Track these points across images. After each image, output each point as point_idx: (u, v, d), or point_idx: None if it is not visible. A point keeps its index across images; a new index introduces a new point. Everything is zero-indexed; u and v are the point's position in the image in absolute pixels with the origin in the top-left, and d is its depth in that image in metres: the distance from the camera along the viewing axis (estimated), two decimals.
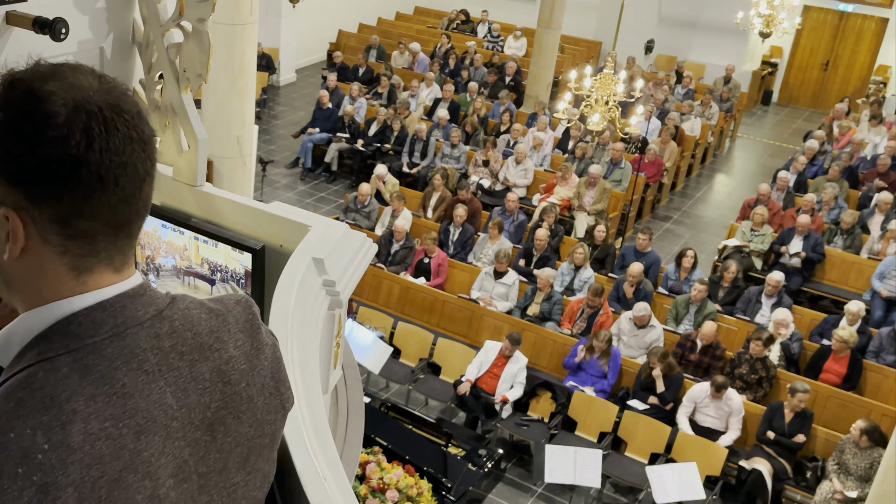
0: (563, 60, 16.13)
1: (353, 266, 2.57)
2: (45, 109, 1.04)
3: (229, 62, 5.74)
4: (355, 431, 2.67)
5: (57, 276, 1.11)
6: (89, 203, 1.07)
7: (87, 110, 1.05)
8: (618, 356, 7.86)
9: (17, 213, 1.07)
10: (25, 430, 1.00)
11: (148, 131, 1.13)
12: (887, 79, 17.30)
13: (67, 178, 1.05)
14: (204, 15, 3.32)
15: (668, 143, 12.65)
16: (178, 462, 1.15)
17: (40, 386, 1.04)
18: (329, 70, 15.56)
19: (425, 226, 10.23)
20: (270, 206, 3.31)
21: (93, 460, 1.03)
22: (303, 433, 1.71)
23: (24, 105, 1.05)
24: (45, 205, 1.06)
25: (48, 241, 1.09)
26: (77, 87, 1.07)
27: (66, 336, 1.09)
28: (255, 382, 1.28)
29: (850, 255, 10.13)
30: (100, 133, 1.05)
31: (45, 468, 0.99)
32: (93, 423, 1.04)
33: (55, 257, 1.10)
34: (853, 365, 7.91)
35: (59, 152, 1.04)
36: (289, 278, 2.30)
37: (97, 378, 1.07)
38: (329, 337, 2.48)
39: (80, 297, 1.12)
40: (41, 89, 1.06)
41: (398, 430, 6.85)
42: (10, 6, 2.38)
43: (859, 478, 6.66)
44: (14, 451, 0.99)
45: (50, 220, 1.07)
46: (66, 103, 1.05)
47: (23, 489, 0.98)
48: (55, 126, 1.04)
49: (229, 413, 1.23)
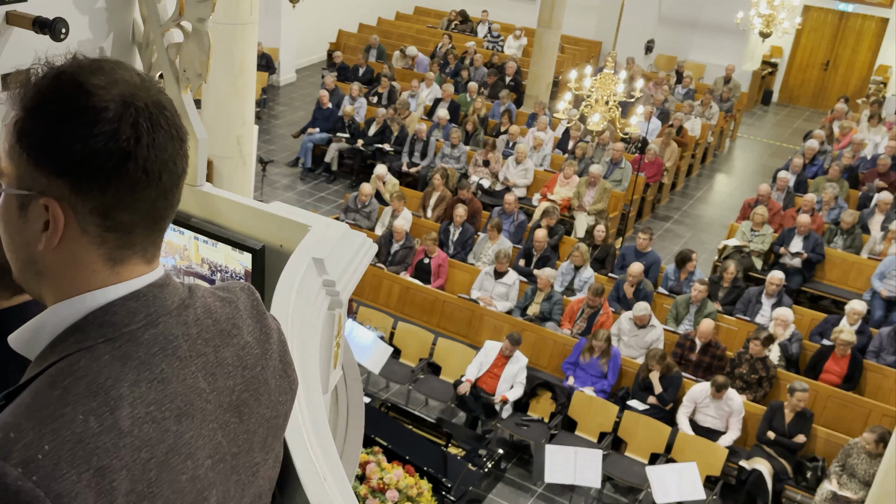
0: (563, 60, 16.12)
1: (353, 266, 2.56)
2: (95, 104, 1.06)
3: (229, 62, 5.75)
4: (355, 431, 2.67)
5: (92, 267, 1.13)
6: (132, 196, 1.10)
7: (135, 106, 1.08)
8: (618, 356, 7.86)
9: (59, 203, 1.08)
10: (77, 416, 1.03)
11: (184, 130, 1.16)
12: (887, 79, 17.30)
13: (114, 172, 1.07)
14: (204, 15, 3.32)
15: (669, 144, 12.66)
16: (214, 443, 1.19)
17: (84, 374, 1.06)
18: (329, 70, 15.56)
19: (425, 226, 10.22)
20: (270, 206, 3.30)
21: (142, 443, 1.07)
22: (303, 433, 1.71)
23: (74, 98, 1.07)
24: (88, 196, 1.08)
25: (87, 231, 1.11)
26: (122, 83, 1.09)
27: (102, 325, 1.11)
28: (268, 366, 1.32)
29: (851, 255, 10.13)
30: (147, 129, 1.08)
31: (99, 452, 1.02)
32: (139, 408, 1.08)
33: (92, 248, 1.12)
34: (853, 365, 7.91)
35: (108, 146, 1.06)
36: (289, 278, 2.30)
37: (137, 364, 1.10)
38: (329, 337, 2.48)
39: (114, 288, 1.13)
40: (88, 83, 1.07)
41: (398, 430, 6.85)
42: (10, 6, 2.38)
43: (867, 483, 6.63)
44: (68, 436, 1.01)
45: (91, 211, 1.09)
46: (114, 98, 1.07)
47: (80, 473, 1.00)
48: (106, 120, 1.06)
49: (251, 395, 1.27)
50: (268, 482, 1.39)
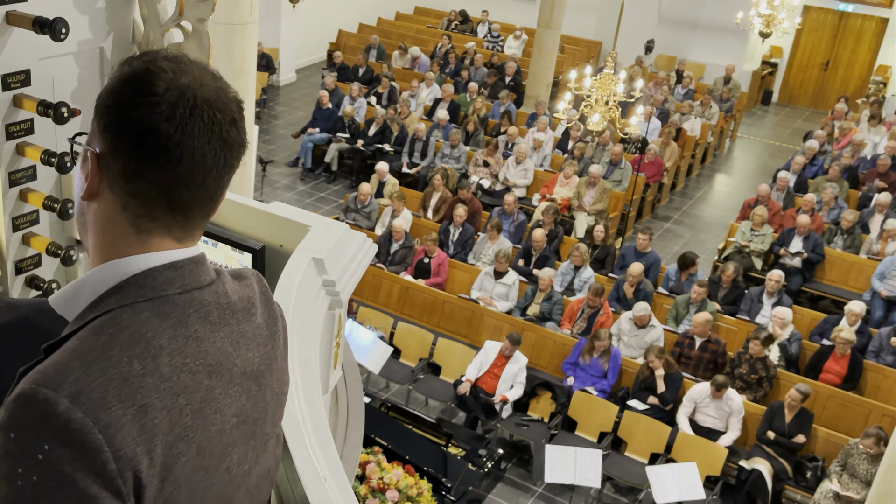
0: (563, 60, 16.12)
1: (353, 266, 2.56)
2: (151, 80, 1.19)
3: (229, 62, 5.74)
4: (355, 431, 2.67)
5: (120, 228, 1.24)
6: (151, 169, 1.19)
7: (182, 93, 1.19)
8: (618, 356, 7.86)
9: (98, 157, 1.22)
10: (122, 359, 1.13)
11: (235, 136, 1.25)
12: (887, 79, 17.30)
13: (140, 140, 1.18)
14: (204, 15, 3.32)
15: (669, 144, 12.66)
16: (239, 404, 1.29)
17: (127, 325, 1.17)
18: (329, 70, 15.55)
19: (425, 226, 10.22)
20: (270, 206, 3.30)
21: (179, 389, 1.17)
22: (303, 433, 1.71)
23: (138, 71, 1.21)
24: (118, 157, 1.20)
25: (114, 191, 1.22)
26: (187, 75, 1.21)
27: (142, 287, 1.21)
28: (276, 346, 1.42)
29: (850, 255, 10.13)
30: (182, 113, 1.18)
31: (143, 391, 1.12)
32: (176, 358, 1.18)
33: (119, 209, 1.23)
34: (853, 365, 7.91)
35: (141, 115, 1.18)
36: (289, 278, 2.30)
37: (174, 322, 1.20)
38: (329, 337, 2.48)
39: (154, 255, 1.24)
40: (157, 63, 1.21)
41: (398, 430, 6.84)
42: (10, 6, 2.38)
43: (868, 483, 6.63)
44: (114, 375, 1.11)
45: (118, 173, 1.21)
46: (170, 81, 1.19)
47: (126, 408, 1.10)
48: (151, 94, 1.18)
49: (266, 369, 1.37)
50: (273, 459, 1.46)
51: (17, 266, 2.66)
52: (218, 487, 1.27)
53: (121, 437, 1.08)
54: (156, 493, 1.15)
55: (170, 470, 1.16)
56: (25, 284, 2.71)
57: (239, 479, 1.33)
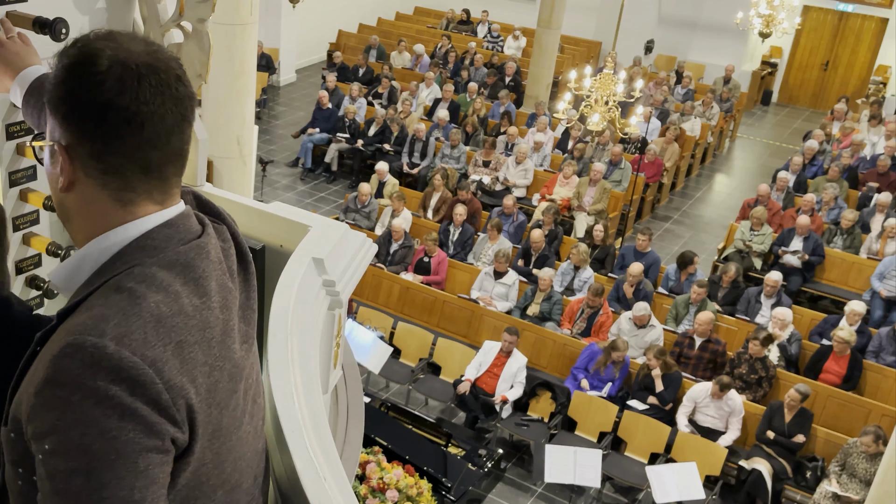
0: (562, 60, 16.12)
1: (353, 266, 2.56)
2: (92, 61, 1.24)
3: (229, 62, 5.74)
4: (355, 431, 2.67)
5: (104, 206, 1.29)
6: (118, 142, 1.25)
7: (124, 65, 1.24)
8: (628, 363, 7.84)
9: (66, 148, 1.27)
10: (150, 303, 1.21)
11: (183, 91, 1.30)
12: (887, 79, 17.30)
13: (99, 119, 1.23)
14: (204, 15, 3.32)
15: (671, 144, 12.65)
16: (242, 332, 1.41)
17: (143, 278, 1.24)
18: (329, 70, 15.55)
19: (425, 226, 10.22)
20: (270, 206, 3.30)
21: (205, 324, 1.27)
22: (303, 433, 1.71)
23: (77, 57, 1.25)
24: (84, 141, 1.25)
25: (89, 175, 1.27)
26: (122, 48, 1.26)
27: (144, 249, 1.28)
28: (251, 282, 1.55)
29: (850, 255, 10.13)
30: (131, 84, 1.23)
31: (176, 329, 1.22)
32: (194, 299, 1.27)
33: (98, 189, 1.28)
34: (853, 365, 7.91)
35: (94, 96, 1.23)
36: (289, 278, 2.30)
37: (183, 267, 1.29)
38: (329, 337, 2.48)
39: (147, 219, 1.30)
40: (92, 45, 1.26)
41: (398, 430, 6.84)
42: (10, 6, 2.38)
43: (867, 483, 6.63)
44: (148, 318, 1.19)
45: (89, 155, 1.26)
46: (109, 58, 1.24)
47: (165, 345, 1.19)
48: (96, 73, 1.23)
49: (246, 299, 1.49)
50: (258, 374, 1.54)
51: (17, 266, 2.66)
52: (242, 406, 1.39)
53: (168, 370, 1.18)
54: (206, 418, 1.26)
55: (213, 395, 1.27)
56: (25, 284, 2.71)
57: (251, 394, 1.45)
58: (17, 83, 1.95)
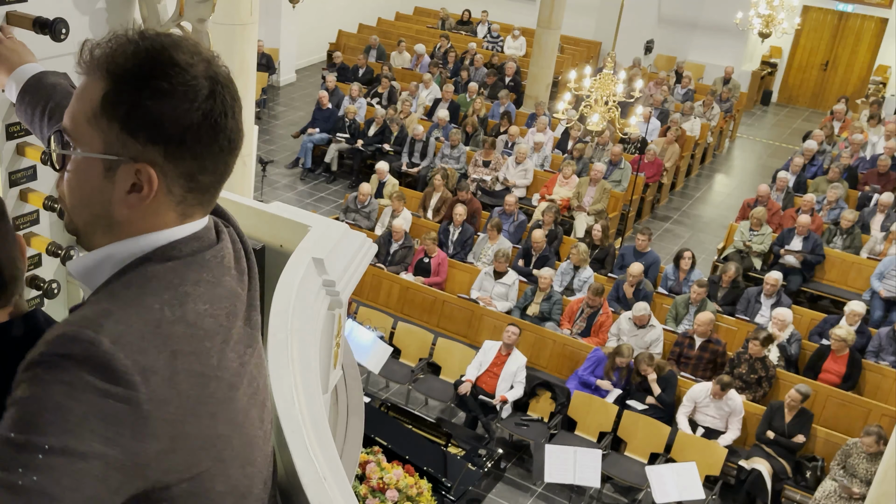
0: (562, 60, 16.12)
1: (353, 266, 2.56)
2: (190, 81, 1.19)
3: (229, 62, 5.72)
4: (355, 431, 2.67)
5: (166, 220, 1.27)
6: (215, 161, 1.25)
7: (218, 82, 1.22)
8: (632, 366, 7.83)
9: (153, 167, 1.21)
10: (154, 305, 1.18)
11: (239, 94, 1.29)
12: (887, 79, 17.30)
13: (209, 142, 1.22)
14: (204, 15, 3.32)
15: (671, 144, 12.65)
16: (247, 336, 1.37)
17: (154, 276, 1.22)
18: (329, 70, 15.55)
19: (425, 226, 10.22)
20: (270, 206, 3.30)
21: (205, 334, 1.24)
22: (303, 433, 1.71)
23: (170, 75, 1.18)
24: (181, 162, 1.22)
25: (172, 192, 1.24)
26: (202, 60, 1.22)
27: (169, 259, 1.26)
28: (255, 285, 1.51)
29: (850, 255, 10.13)
30: (229, 103, 1.23)
31: (174, 337, 1.18)
32: (199, 305, 1.24)
33: (172, 206, 1.26)
34: (852, 364, 7.91)
35: (206, 120, 1.20)
36: (289, 278, 2.30)
37: (198, 267, 1.27)
38: (329, 337, 2.48)
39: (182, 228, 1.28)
40: (180, 59, 1.20)
41: (398, 430, 6.85)
42: (11, 6, 2.38)
43: (867, 482, 6.63)
44: (149, 320, 1.17)
45: (181, 175, 1.23)
46: (202, 74, 1.20)
47: (160, 353, 1.15)
48: (203, 98, 1.19)
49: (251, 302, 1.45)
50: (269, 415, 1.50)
51: None
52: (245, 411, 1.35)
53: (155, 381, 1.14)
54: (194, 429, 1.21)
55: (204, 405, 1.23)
56: (26, 284, 2.72)
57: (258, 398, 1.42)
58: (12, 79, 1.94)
